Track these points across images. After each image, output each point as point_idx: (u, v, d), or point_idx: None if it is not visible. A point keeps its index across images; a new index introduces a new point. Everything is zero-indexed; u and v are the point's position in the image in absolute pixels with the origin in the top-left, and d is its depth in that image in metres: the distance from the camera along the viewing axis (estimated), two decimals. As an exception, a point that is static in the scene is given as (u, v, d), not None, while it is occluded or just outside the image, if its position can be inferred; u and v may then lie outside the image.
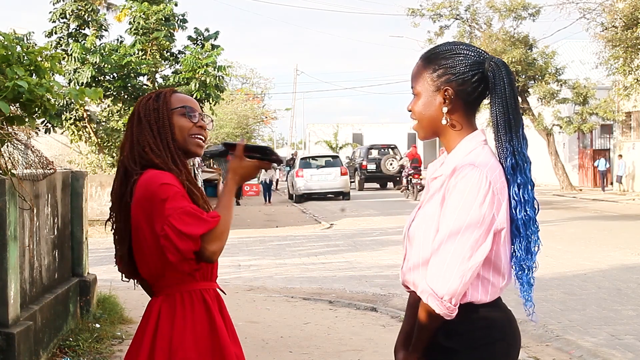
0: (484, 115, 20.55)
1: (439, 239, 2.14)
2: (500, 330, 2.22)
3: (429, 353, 2.24)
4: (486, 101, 2.32)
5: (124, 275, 2.61)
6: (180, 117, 2.51)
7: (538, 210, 2.25)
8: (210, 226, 2.27)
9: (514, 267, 2.26)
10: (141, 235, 2.37)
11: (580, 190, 29.88)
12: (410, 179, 25.56)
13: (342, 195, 26.59)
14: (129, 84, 18.01)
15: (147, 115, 2.51)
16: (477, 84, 2.23)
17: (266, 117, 56.92)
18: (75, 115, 18.31)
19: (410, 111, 2.32)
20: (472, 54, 2.24)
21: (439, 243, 2.13)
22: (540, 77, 28.80)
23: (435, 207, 2.20)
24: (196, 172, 23.31)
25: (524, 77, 28.79)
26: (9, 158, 4.96)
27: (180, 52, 19.27)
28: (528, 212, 2.21)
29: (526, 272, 2.25)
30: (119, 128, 18.30)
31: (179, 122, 2.51)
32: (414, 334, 2.24)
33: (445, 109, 2.23)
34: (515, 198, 2.20)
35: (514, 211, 2.20)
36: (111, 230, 2.56)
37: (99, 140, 19.00)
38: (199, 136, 2.54)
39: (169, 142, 2.47)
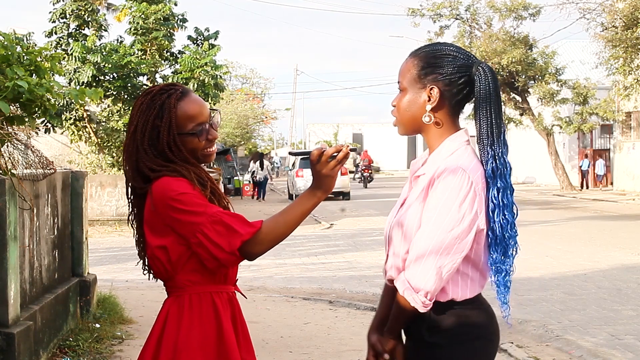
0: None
1: (418, 235, 2.19)
2: (482, 327, 2.27)
3: (414, 348, 2.29)
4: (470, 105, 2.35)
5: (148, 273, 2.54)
6: (190, 139, 2.37)
7: (517, 215, 2.28)
8: (244, 238, 2.24)
9: (491, 269, 2.29)
10: (150, 240, 2.34)
11: (580, 190, 29.89)
12: (362, 172, 36.84)
13: (342, 195, 26.59)
14: (129, 84, 18.02)
15: (143, 140, 2.36)
16: (463, 87, 2.27)
17: (266, 117, 56.93)
18: (75, 115, 18.31)
19: (394, 106, 2.35)
20: (461, 57, 2.28)
21: (418, 240, 2.18)
22: (540, 77, 28.78)
23: (417, 206, 2.24)
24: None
25: (524, 77, 28.79)
26: (9, 158, 4.97)
27: (180, 52, 19.28)
28: (506, 216, 2.24)
29: (503, 275, 2.28)
30: (119, 128, 18.31)
31: (190, 145, 2.37)
32: (390, 318, 2.30)
33: (429, 107, 2.26)
34: (494, 201, 2.22)
35: (491, 214, 2.23)
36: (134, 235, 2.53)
37: (99, 140, 19.00)
38: (210, 149, 2.43)
39: (175, 162, 2.35)
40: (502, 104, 2.38)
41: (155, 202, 2.30)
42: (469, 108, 2.44)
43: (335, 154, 2.29)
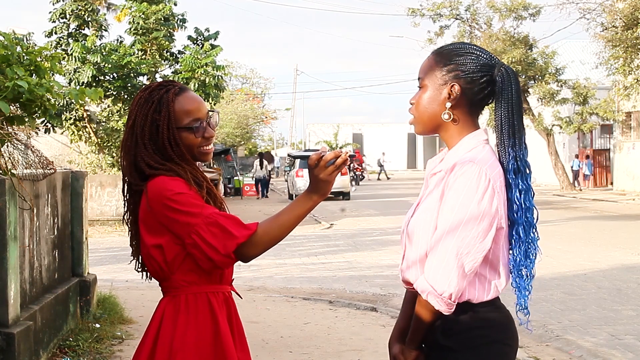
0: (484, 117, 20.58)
1: (437, 235, 2.15)
2: (499, 330, 2.22)
3: (428, 351, 2.25)
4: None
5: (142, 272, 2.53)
6: (187, 134, 2.36)
7: (537, 218, 2.26)
8: (239, 240, 2.23)
9: (512, 272, 2.26)
10: (146, 240, 2.33)
11: (580, 190, 29.89)
12: (355, 171, 37.88)
13: (342, 195, 26.61)
14: (129, 84, 18.03)
15: (143, 134, 2.35)
16: (484, 86, 2.24)
17: (266, 117, 56.94)
18: (75, 115, 18.32)
19: (412, 104, 2.32)
20: (484, 56, 2.26)
21: (437, 239, 2.14)
22: (540, 77, 28.78)
23: (434, 203, 2.21)
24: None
25: (524, 77, 28.76)
26: (9, 158, 4.97)
27: (180, 52, 19.29)
28: (528, 218, 2.22)
29: (524, 277, 2.25)
30: (119, 128, 18.32)
31: (186, 141, 2.36)
32: (411, 328, 2.25)
33: (448, 105, 2.24)
34: (517, 202, 2.20)
35: (515, 215, 2.20)
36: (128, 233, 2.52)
37: (99, 140, 19.01)
38: (206, 147, 2.42)
39: (173, 158, 2.34)
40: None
41: (151, 201, 2.29)
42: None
43: (334, 160, 2.28)
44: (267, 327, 6.95)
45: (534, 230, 2.24)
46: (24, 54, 4.75)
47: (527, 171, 2.23)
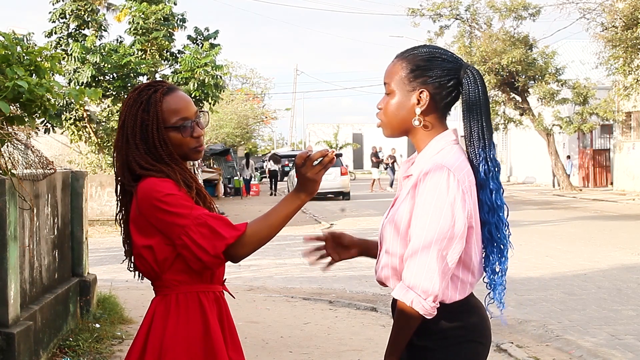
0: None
1: (415, 241, 2.15)
2: (472, 330, 2.25)
3: (404, 352, 2.26)
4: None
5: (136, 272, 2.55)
6: (174, 133, 2.39)
7: (507, 215, 2.29)
8: (228, 241, 2.25)
9: (487, 270, 2.30)
10: (137, 240, 2.35)
11: (580, 190, 29.88)
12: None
13: (342, 195, 26.61)
14: (129, 84, 18.01)
15: (134, 135, 2.38)
16: (452, 89, 2.27)
17: (266, 117, 56.89)
18: (75, 115, 18.32)
19: (380, 109, 2.35)
20: (450, 60, 2.28)
21: (416, 245, 2.14)
22: (540, 77, 28.75)
23: (405, 207, 2.23)
24: (196, 172, 23.32)
25: (524, 77, 28.75)
26: (9, 158, 4.97)
27: (180, 51, 19.28)
28: (501, 217, 2.25)
29: (499, 274, 2.28)
30: (118, 128, 18.31)
31: (174, 140, 2.39)
32: (391, 340, 2.23)
33: (418, 110, 2.26)
34: (488, 203, 2.23)
35: (486, 215, 2.23)
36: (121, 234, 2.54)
37: (99, 140, 19.01)
38: (196, 147, 2.44)
39: (164, 158, 2.37)
40: (491, 106, 2.38)
41: (141, 202, 2.31)
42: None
43: (321, 159, 2.31)
44: (267, 327, 6.95)
45: (506, 227, 2.27)
46: (24, 54, 4.75)
47: (497, 170, 2.26)
